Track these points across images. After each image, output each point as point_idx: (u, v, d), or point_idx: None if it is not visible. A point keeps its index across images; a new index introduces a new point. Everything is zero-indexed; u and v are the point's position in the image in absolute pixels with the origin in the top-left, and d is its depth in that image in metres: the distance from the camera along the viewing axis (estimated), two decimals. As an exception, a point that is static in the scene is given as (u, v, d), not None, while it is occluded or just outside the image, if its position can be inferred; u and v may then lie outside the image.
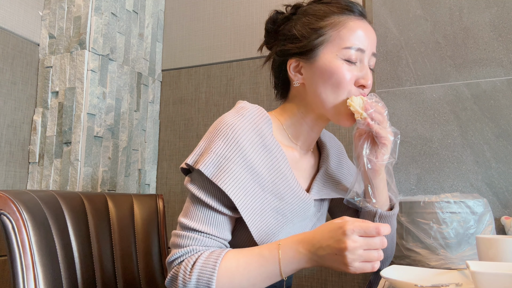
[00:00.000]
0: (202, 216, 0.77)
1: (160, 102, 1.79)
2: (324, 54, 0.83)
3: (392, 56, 1.42)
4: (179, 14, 1.82)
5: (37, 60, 1.50)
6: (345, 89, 0.82)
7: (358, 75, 0.83)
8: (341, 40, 0.82)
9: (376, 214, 0.89)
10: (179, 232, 0.77)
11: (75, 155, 1.38)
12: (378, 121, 0.83)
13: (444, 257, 0.99)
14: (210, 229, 0.77)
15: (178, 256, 0.75)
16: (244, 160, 0.78)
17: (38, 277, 0.82)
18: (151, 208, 1.24)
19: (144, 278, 1.15)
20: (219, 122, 0.80)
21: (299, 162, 0.91)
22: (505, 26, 1.29)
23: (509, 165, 1.23)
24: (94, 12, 1.45)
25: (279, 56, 0.90)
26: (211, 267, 0.71)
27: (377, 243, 0.65)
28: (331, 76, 0.82)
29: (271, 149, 0.82)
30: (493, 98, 1.27)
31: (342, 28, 0.83)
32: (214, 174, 0.76)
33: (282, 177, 0.82)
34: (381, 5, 1.45)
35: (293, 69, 0.88)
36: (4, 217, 0.81)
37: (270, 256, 0.71)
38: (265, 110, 0.86)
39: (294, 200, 0.83)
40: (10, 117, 1.38)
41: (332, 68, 0.82)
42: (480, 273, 0.56)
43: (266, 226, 0.80)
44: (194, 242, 0.76)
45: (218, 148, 0.77)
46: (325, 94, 0.83)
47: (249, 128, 0.80)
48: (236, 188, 0.76)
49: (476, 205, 1.01)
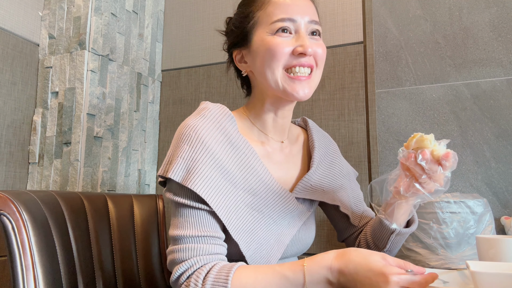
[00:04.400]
0: (189, 219, 0.75)
1: (160, 102, 1.79)
2: (256, 36, 0.84)
3: (392, 56, 1.42)
4: (179, 14, 1.82)
5: (37, 60, 1.50)
6: (279, 61, 0.80)
7: (295, 45, 0.81)
8: (268, 17, 0.82)
9: (394, 232, 0.85)
10: (174, 248, 0.75)
11: (75, 155, 1.38)
12: (433, 175, 0.73)
13: (444, 257, 0.99)
14: (202, 230, 0.75)
15: (183, 271, 0.72)
16: (212, 159, 0.77)
17: (38, 278, 0.82)
18: (151, 208, 1.24)
19: (144, 278, 1.14)
20: (182, 126, 0.80)
21: (273, 155, 0.89)
22: (504, 26, 1.29)
23: (509, 165, 1.23)
24: (94, 12, 1.45)
25: (228, 52, 0.93)
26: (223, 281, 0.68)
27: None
28: (266, 53, 0.81)
29: (238, 145, 0.81)
30: (492, 98, 1.27)
31: (268, 6, 0.83)
32: (184, 178, 0.75)
33: (253, 173, 0.81)
34: (381, 5, 1.45)
35: (239, 60, 0.90)
36: (4, 217, 0.81)
37: (294, 278, 0.66)
38: (227, 108, 0.85)
39: (268, 195, 0.82)
40: (10, 117, 1.38)
41: (265, 45, 0.81)
42: (480, 273, 0.56)
43: (243, 223, 0.79)
44: (193, 253, 0.73)
45: (184, 152, 0.76)
46: (265, 72, 0.82)
47: (212, 127, 0.80)
48: (207, 187, 0.75)
49: (476, 205, 1.01)
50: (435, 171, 0.72)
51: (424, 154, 0.71)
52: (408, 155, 0.73)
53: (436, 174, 0.72)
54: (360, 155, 1.41)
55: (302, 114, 1.50)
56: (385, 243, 0.88)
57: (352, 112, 1.45)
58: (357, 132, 1.43)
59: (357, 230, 1.00)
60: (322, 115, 1.48)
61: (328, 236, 1.42)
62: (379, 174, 1.38)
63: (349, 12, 1.49)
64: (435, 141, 0.73)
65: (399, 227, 0.85)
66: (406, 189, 0.75)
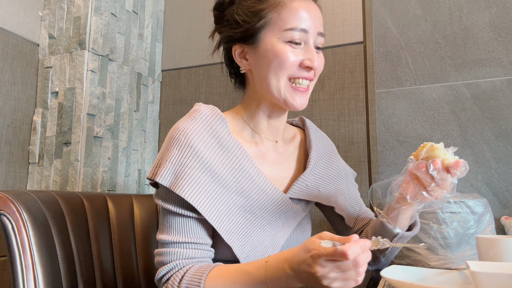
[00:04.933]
0: (175, 226, 0.77)
1: (160, 103, 1.79)
2: (266, 38, 0.81)
3: (392, 56, 1.42)
4: (179, 14, 1.82)
5: (37, 60, 1.50)
6: (286, 70, 0.80)
7: (303, 57, 0.81)
8: (282, 21, 0.80)
9: (397, 236, 0.85)
10: (160, 250, 0.78)
11: (75, 155, 1.38)
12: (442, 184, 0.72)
13: (444, 257, 0.99)
14: (187, 237, 0.77)
15: (164, 273, 0.76)
16: (201, 164, 0.77)
17: (38, 278, 0.82)
18: (151, 208, 1.24)
19: (144, 278, 1.14)
20: (173, 130, 0.80)
21: (267, 155, 0.89)
22: (504, 26, 1.29)
23: (509, 165, 1.23)
24: (94, 12, 1.45)
25: (225, 43, 0.90)
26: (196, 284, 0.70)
27: (349, 266, 0.59)
28: (274, 59, 0.80)
29: (229, 148, 0.81)
30: (492, 98, 1.27)
31: (282, 9, 0.80)
32: (172, 183, 0.75)
33: (244, 175, 0.81)
34: (381, 5, 1.45)
35: (239, 55, 0.87)
36: (4, 217, 0.81)
37: (257, 275, 0.68)
38: (219, 110, 0.85)
39: (261, 196, 0.82)
40: (10, 117, 1.38)
41: (274, 51, 0.80)
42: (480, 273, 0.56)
43: (236, 226, 0.79)
44: (176, 256, 0.76)
45: (173, 156, 0.76)
46: (269, 78, 0.81)
47: (202, 130, 0.79)
48: (195, 193, 0.75)
49: (476, 205, 1.01)
50: (445, 179, 0.71)
51: (436, 164, 0.70)
52: (419, 165, 0.72)
53: (446, 182, 0.71)
54: (360, 155, 1.41)
55: (302, 114, 1.50)
56: None
57: (352, 112, 1.45)
58: (357, 132, 1.43)
59: (357, 231, 0.99)
60: (322, 115, 1.48)
61: (328, 236, 1.42)
62: (379, 174, 1.38)
63: (349, 12, 1.49)
64: (444, 150, 0.72)
65: (402, 231, 0.85)
66: (414, 197, 0.75)
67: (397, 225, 0.84)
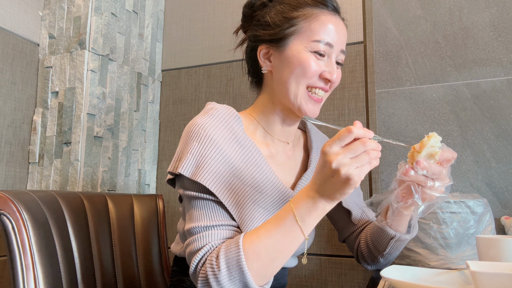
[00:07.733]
0: (203, 210, 0.78)
1: (160, 102, 1.79)
2: (293, 45, 0.84)
3: (392, 56, 1.42)
4: (179, 14, 1.82)
5: (37, 60, 1.50)
6: (308, 78, 0.83)
7: (325, 69, 0.84)
8: (311, 32, 0.83)
9: (394, 238, 0.88)
10: (190, 239, 0.77)
11: (75, 155, 1.38)
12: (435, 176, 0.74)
13: (444, 257, 0.99)
14: (216, 219, 0.77)
15: (200, 258, 0.74)
16: (221, 155, 0.79)
17: (38, 277, 0.82)
18: (151, 208, 1.24)
19: (144, 278, 1.14)
20: (191, 125, 0.82)
21: (277, 156, 0.91)
22: (505, 26, 1.29)
23: (509, 165, 1.23)
24: (94, 12, 1.45)
25: (252, 41, 0.92)
26: (234, 248, 0.70)
27: (358, 147, 0.63)
28: (297, 66, 0.83)
29: (244, 144, 0.83)
30: (493, 98, 1.27)
31: (313, 21, 0.84)
32: (193, 173, 0.77)
33: (259, 170, 0.83)
34: (381, 5, 1.45)
35: (263, 55, 0.89)
36: (4, 217, 0.81)
37: (285, 214, 0.70)
38: (234, 109, 0.87)
39: (274, 193, 0.84)
40: (10, 117, 1.38)
41: (299, 59, 0.83)
42: (480, 273, 0.56)
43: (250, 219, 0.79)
44: (208, 239, 0.75)
45: (193, 148, 0.78)
46: (289, 82, 0.84)
47: (220, 126, 0.82)
48: (216, 182, 0.77)
49: (476, 205, 1.01)
50: (439, 173, 0.73)
51: (420, 164, 0.72)
52: (406, 170, 0.74)
53: (441, 174, 0.74)
54: (360, 155, 1.41)
55: (302, 114, 1.50)
56: (385, 246, 0.90)
57: (352, 112, 1.45)
58: (357, 132, 1.43)
59: (357, 229, 1.01)
60: (322, 115, 1.48)
61: (328, 236, 1.42)
62: (379, 174, 1.38)
63: (349, 12, 1.49)
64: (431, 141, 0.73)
65: (400, 234, 0.88)
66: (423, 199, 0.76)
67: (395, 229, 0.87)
